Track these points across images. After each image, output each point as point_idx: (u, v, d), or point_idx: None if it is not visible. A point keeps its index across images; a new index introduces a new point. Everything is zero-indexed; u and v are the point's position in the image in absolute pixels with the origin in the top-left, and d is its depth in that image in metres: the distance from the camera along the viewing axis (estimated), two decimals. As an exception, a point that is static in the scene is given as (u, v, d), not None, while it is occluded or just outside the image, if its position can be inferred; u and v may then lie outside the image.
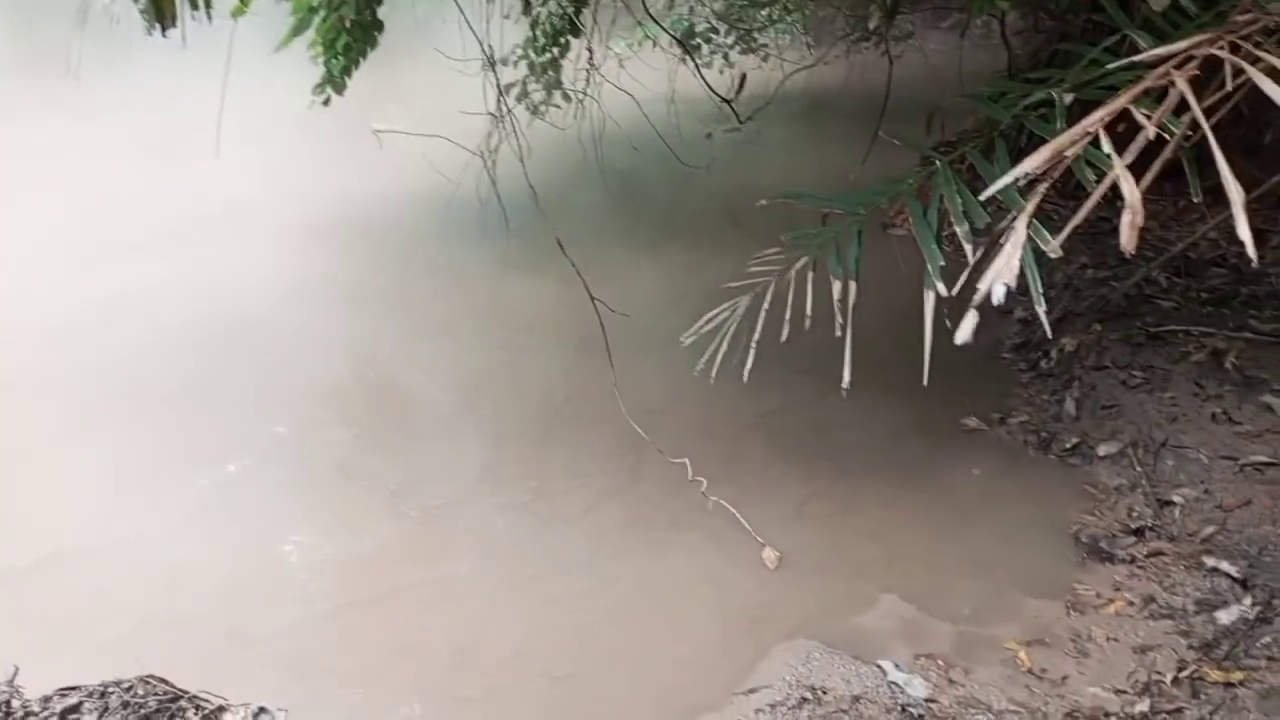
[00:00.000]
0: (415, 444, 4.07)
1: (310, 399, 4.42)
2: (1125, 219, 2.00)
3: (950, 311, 2.37)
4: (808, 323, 2.80)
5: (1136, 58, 2.56)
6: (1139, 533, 3.34)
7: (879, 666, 2.80)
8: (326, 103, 4.60)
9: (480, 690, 2.84)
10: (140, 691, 2.24)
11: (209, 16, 3.72)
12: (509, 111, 5.51)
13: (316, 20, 4.33)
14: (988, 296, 2.12)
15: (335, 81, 4.48)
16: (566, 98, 7.06)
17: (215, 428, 4.16)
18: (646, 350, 4.47)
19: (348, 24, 4.23)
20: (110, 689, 2.25)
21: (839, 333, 2.69)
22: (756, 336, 2.92)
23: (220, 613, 3.11)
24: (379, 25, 4.49)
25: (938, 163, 2.93)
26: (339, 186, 7.03)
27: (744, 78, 7.60)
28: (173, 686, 2.32)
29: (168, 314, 5.14)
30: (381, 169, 6.44)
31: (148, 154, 7.74)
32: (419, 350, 4.92)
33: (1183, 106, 2.25)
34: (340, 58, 4.35)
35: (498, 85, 5.34)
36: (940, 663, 2.83)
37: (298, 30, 4.25)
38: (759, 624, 3.02)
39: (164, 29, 3.63)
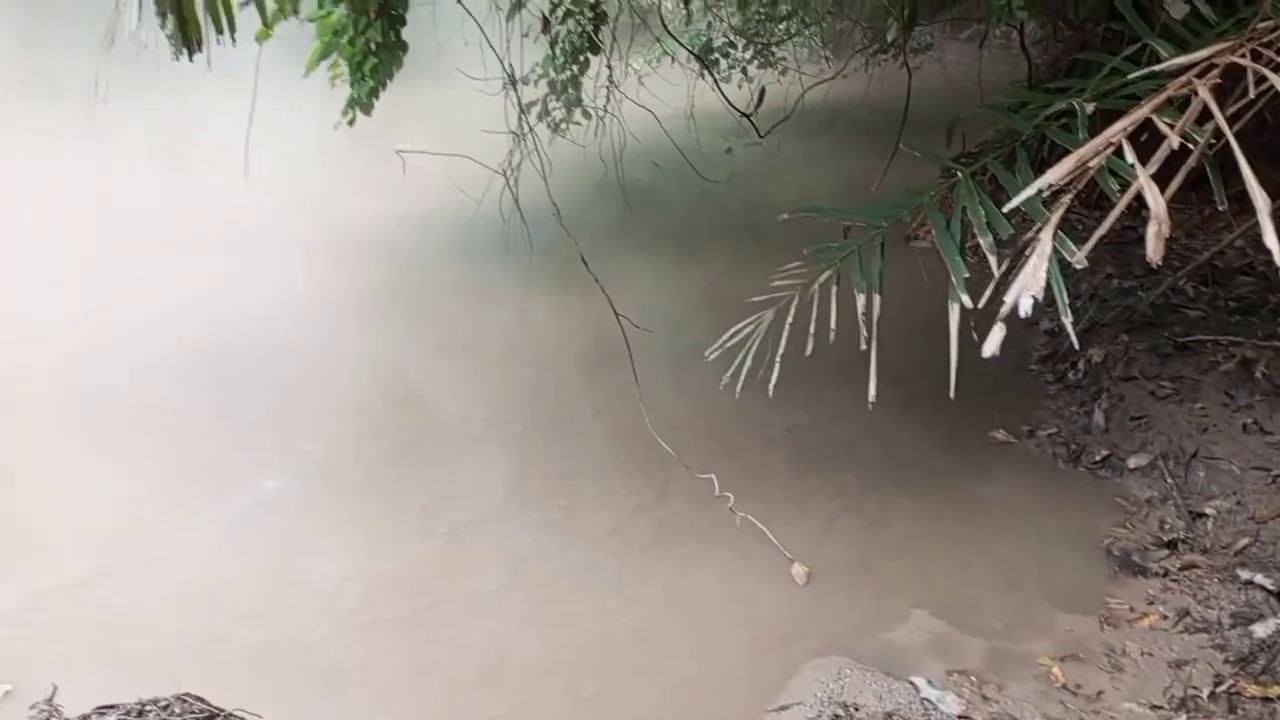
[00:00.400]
0: (444, 461, 4.08)
1: (339, 416, 4.46)
2: (1151, 229, 1.99)
3: (976, 323, 2.37)
4: (832, 336, 2.80)
5: (1158, 67, 2.56)
6: (1171, 545, 3.30)
7: (911, 683, 2.78)
8: (352, 123, 4.66)
9: (505, 709, 2.83)
10: (177, 709, 2.26)
11: (233, 41, 3.77)
12: (530, 130, 5.55)
13: (341, 43, 4.40)
14: (1015, 309, 2.12)
15: (362, 103, 4.54)
16: (586, 115, 7.12)
17: (247, 445, 4.20)
18: (671, 365, 4.49)
19: (373, 47, 4.29)
20: (148, 707, 2.28)
21: (864, 346, 2.69)
22: (781, 351, 2.92)
23: (250, 629, 3.13)
24: (404, 47, 4.55)
25: (959, 174, 2.93)
26: (363, 206, 7.11)
27: (763, 92, 7.62)
28: (209, 704, 2.34)
29: (195, 332, 5.20)
30: (405, 189, 6.49)
31: (174, 175, 7.87)
32: (445, 368, 4.96)
33: (1205, 115, 2.25)
34: (367, 80, 4.41)
35: (519, 104, 5.38)
36: (973, 679, 2.80)
37: (324, 53, 4.32)
38: (788, 641, 3.00)
39: (190, 54, 3.67)
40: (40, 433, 4.26)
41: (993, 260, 2.49)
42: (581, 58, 6.69)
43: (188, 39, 3.52)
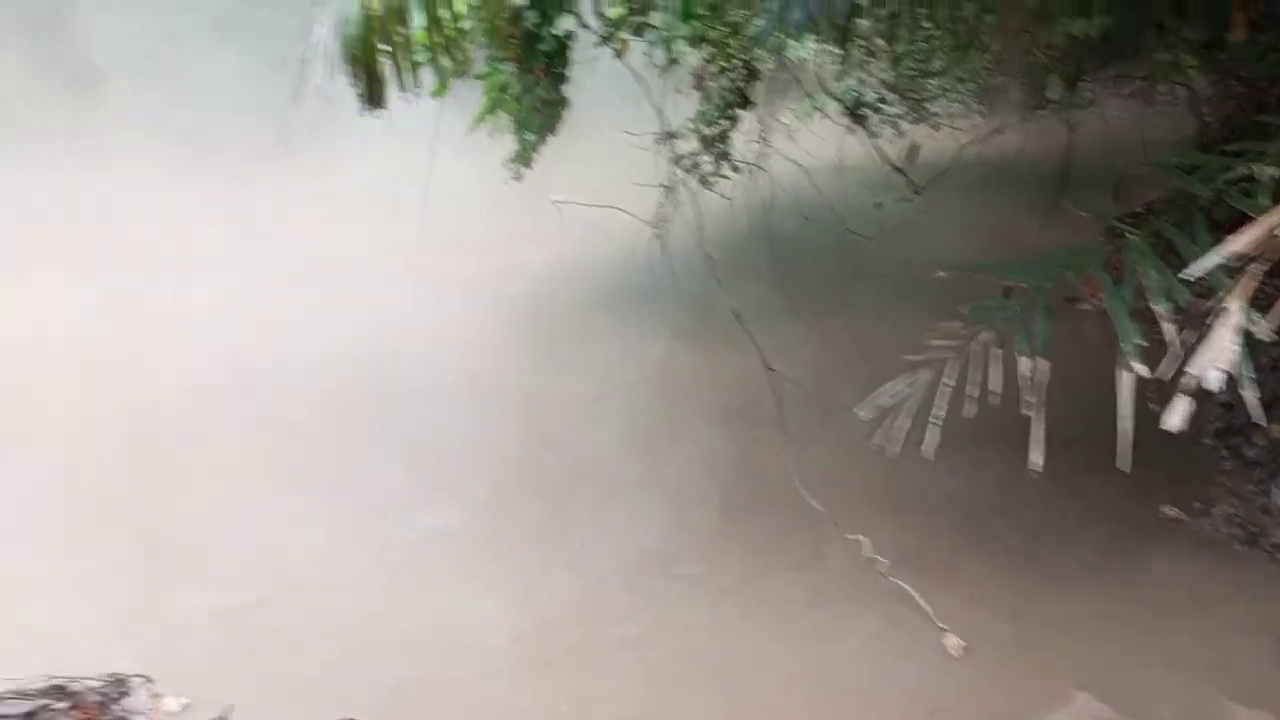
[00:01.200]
0: (596, 506, 4.15)
1: (499, 456, 4.62)
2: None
3: (1148, 391, 2.28)
4: (995, 398, 2.74)
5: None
6: (1361, 640, 3.06)
7: (1073, 768, 2.65)
8: (519, 178, 4.87)
9: (640, 763, 2.82)
10: (343, 736, 2.35)
11: (414, 97, 3.99)
12: (681, 181, 5.64)
13: (507, 99, 4.62)
14: (1199, 381, 2.03)
15: (525, 156, 4.74)
16: (735, 168, 7.18)
17: (410, 480, 4.37)
18: (819, 421, 4.44)
19: (538, 103, 4.49)
20: (316, 732, 2.37)
21: (1025, 410, 2.62)
22: (940, 412, 2.86)
23: (403, 661, 3.22)
24: (565, 103, 4.75)
25: (1132, 237, 2.84)
26: (522, 253, 7.36)
27: (915, 148, 7.55)
28: (371, 734, 2.42)
29: (363, 370, 5.46)
30: (561, 237, 6.70)
31: (347, 221, 8.29)
32: (598, 413, 5.06)
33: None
34: (530, 134, 4.60)
35: (672, 156, 5.49)
36: (1141, 770, 2.65)
37: (491, 109, 4.54)
38: (939, 715, 2.89)
39: (375, 108, 3.91)
40: (224, 462, 4.52)
41: (1170, 330, 2.40)
42: (732, 112, 6.76)
43: (374, 95, 3.76)
